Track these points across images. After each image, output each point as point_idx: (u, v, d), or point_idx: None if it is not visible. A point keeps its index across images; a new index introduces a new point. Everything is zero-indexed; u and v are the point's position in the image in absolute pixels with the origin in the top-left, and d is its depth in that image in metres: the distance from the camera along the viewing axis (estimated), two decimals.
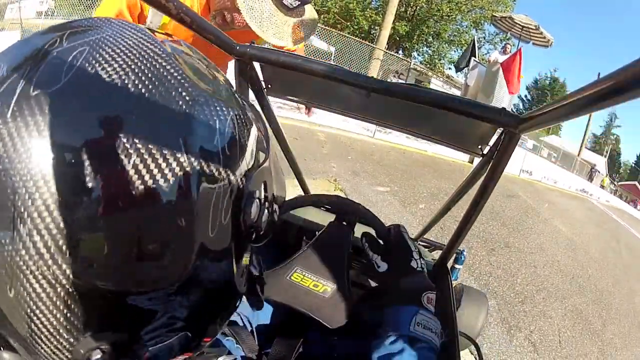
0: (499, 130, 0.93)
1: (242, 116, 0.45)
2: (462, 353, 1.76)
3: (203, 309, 0.47)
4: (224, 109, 0.42)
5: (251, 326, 1.00)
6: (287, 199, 1.10)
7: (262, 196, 0.49)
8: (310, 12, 1.43)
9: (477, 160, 1.18)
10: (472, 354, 2.53)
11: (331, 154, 6.33)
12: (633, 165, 58.33)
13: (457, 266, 2.61)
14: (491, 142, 1.04)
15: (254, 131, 0.48)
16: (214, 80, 0.45)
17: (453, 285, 1.96)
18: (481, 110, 0.86)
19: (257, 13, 1.26)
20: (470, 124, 0.97)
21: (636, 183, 43.75)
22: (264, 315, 1.08)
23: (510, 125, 0.83)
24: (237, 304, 0.59)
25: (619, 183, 43.90)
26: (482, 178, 1.06)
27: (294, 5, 1.31)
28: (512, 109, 10.97)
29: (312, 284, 0.93)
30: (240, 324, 0.97)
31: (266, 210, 0.50)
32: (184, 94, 0.38)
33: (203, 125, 0.39)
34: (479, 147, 1.11)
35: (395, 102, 0.99)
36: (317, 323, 0.90)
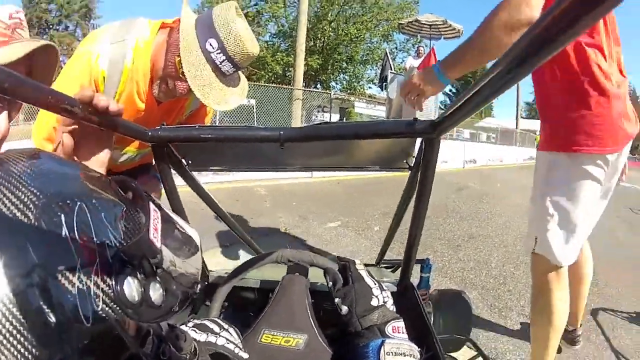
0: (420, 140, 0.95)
1: (93, 202, 0.46)
2: (462, 350, 1.68)
3: None
4: (68, 203, 0.43)
5: None
6: (239, 263, 1.19)
7: (144, 270, 0.48)
8: (243, 80, 1.62)
9: None
10: (471, 348, 2.43)
11: (275, 206, 6.25)
12: None
13: (424, 275, 2.53)
14: (416, 152, 1.08)
15: (115, 210, 0.48)
16: (56, 179, 0.47)
17: (428, 294, 1.92)
18: (394, 126, 0.86)
19: (200, 81, 1.39)
20: (389, 142, 1.03)
21: None
22: None
23: (426, 132, 0.83)
24: None
25: None
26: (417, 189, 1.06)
27: (230, 72, 1.45)
28: (440, 107, 11.28)
29: (283, 341, 0.93)
30: None
31: (157, 284, 0.49)
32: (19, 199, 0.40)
33: (46, 227, 0.39)
34: (405, 161, 1.15)
35: (312, 145, 1.04)
36: None
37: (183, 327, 0.83)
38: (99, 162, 0.82)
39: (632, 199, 8.94)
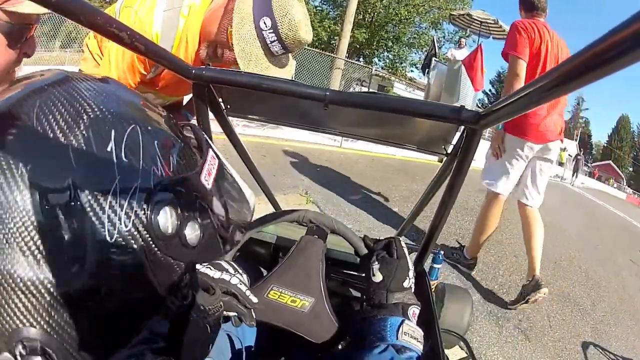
0: (462, 128, 0.93)
1: (149, 129, 0.46)
2: (453, 350, 1.68)
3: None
4: (122, 122, 0.43)
5: (241, 344, 1.03)
6: (258, 216, 1.15)
7: (188, 208, 0.48)
8: (291, 63, 1.60)
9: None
10: (462, 349, 2.45)
11: (299, 168, 6.26)
12: (605, 144, 59.67)
13: (435, 266, 2.55)
14: (455, 140, 1.06)
15: (169, 142, 0.49)
16: (117, 100, 0.47)
17: (434, 285, 1.91)
18: (440, 110, 0.85)
19: (246, 55, 1.40)
20: (431, 125, 1.02)
21: (610, 162, 44.87)
22: (250, 336, 1.10)
23: (470, 122, 0.82)
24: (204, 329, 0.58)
25: (594, 164, 44.72)
26: (449, 177, 1.06)
27: (279, 53, 1.45)
28: (477, 105, 11.03)
29: (289, 300, 0.94)
30: (229, 343, 1.00)
31: (196, 224, 0.49)
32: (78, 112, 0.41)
33: (93, 137, 0.40)
34: (443, 147, 1.15)
35: (355, 112, 1.02)
36: (301, 339, 0.92)
37: (197, 266, 0.85)
38: None
39: None
